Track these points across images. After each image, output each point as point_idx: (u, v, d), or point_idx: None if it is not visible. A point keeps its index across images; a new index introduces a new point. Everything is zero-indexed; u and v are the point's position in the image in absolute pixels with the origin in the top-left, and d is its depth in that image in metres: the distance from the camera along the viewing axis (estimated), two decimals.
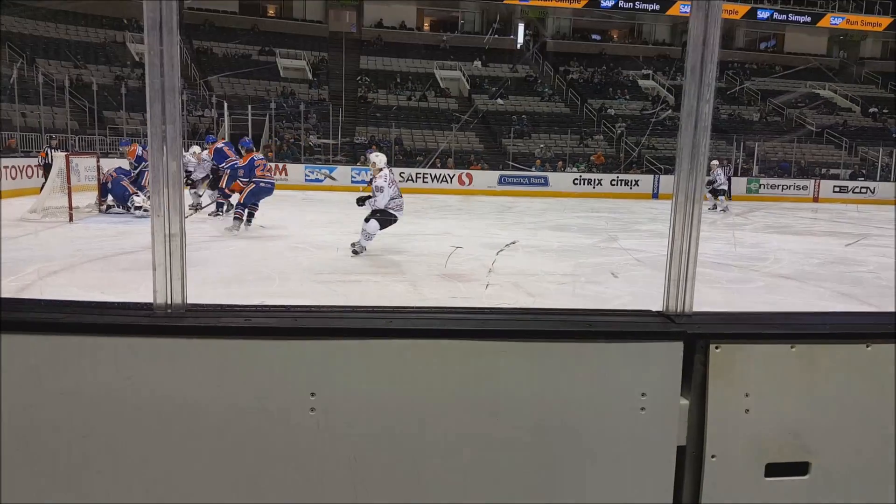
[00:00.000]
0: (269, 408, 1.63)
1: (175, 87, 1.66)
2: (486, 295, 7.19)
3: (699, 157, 1.78)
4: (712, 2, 1.73)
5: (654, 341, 1.73)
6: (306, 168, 26.06)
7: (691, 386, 1.74)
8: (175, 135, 1.67)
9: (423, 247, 10.85)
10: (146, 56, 1.65)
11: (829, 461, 1.78)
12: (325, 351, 1.65)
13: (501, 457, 1.71)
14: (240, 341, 1.64)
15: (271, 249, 10.20)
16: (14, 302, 1.88)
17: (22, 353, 1.57)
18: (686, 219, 1.81)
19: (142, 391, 1.60)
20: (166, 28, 1.62)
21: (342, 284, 7.73)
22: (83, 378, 1.58)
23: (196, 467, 1.63)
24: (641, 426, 1.72)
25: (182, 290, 1.72)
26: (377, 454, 1.67)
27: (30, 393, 1.57)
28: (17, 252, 9.16)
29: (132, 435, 1.61)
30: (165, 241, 1.70)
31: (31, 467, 1.59)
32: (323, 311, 1.83)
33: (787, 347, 1.74)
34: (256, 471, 1.65)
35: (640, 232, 14.69)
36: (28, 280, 7.30)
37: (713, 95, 1.78)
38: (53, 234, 11.12)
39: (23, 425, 1.57)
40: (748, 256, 10.80)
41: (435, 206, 19.36)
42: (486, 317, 1.89)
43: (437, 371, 1.67)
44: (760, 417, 1.74)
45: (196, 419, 1.62)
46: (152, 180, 1.70)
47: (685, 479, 1.76)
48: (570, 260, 10.00)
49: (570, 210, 19.65)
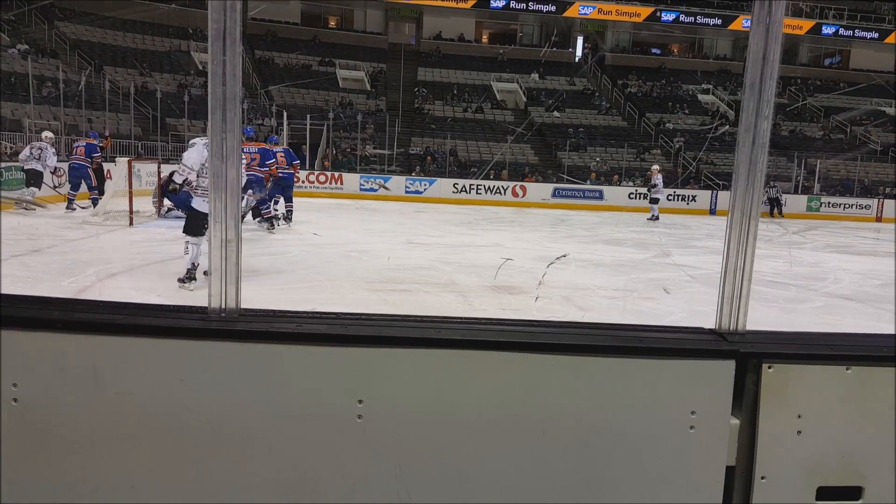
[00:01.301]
0: (317, 413, 1.65)
1: (236, 96, 1.69)
2: (536, 308, 7.16)
3: (756, 173, 1.76)
4: (773, 17, 1.71)
5: (706, 359, 1.70)
6: (361, 178, 26.30)
7: (742, 405, 1.71)
8: (235, 143, 1.71)
9: (475, 258, 10.85)
10: (209, 65, 1.69)
11: (883, 486, 1.73)
12: (374, 358, 1.66)
13: (548, 471, 1.70)
14: (290, 347, 1.66)
15: (325, 257, 10.30)
16: (74, 303, 1.93)
17: (81, 353, 1.61)
18: (742, 235, 1.78)
19: (194, 393, 1.63)
20: (230, 38, 1.66)
21: (393, 293, 7.77)
22: (138, 378, 1.62)
23: (244, 469, 1.66)
24: (690, 445, 1.70)
25: (236, 295, 1.76)
26: (422, 463, 1.68)
27: (87, 392, 1.61)
28: (78, 254, 9.42)
29: (184, 436, 1.64)
30: (222, 247, 1.73)
31: (86, 466, 1.63)
32: (373, 319, 1.85)
33: (842, 369, 1.70)
34: (302, 474, 1.66)
35: (696, 248, 14.48)
36: (88, 282, 7.49)
37: (772, 112, 1.75)
38: (114, 238, 11.40)
39: (79, 423, 1.62)
40: (806, 276, 10.57)
41: (488, 218, 19.36)
42: (534, 329, 1.88)
43: (484, 382, 1.67)
44: (813, 439, 1.71)
45: (246, 422, 1.64)
46: (212, 187, 1.73)
47: (734, 500, 1.73)
48: (623, 275, 9.90)
49: (625, 224, 19.46)
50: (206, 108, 1.70)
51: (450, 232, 15.02)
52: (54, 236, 11.00)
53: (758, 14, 1.72)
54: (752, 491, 1.71)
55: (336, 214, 14.14)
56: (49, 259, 8.91)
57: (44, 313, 1.68)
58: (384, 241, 12.61)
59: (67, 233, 11.54)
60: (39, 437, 1.61)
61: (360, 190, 25.55)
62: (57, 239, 10.71)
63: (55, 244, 10.14)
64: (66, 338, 1.61)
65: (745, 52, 1.87)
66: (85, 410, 1.62)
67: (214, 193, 1.72)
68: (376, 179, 26.06)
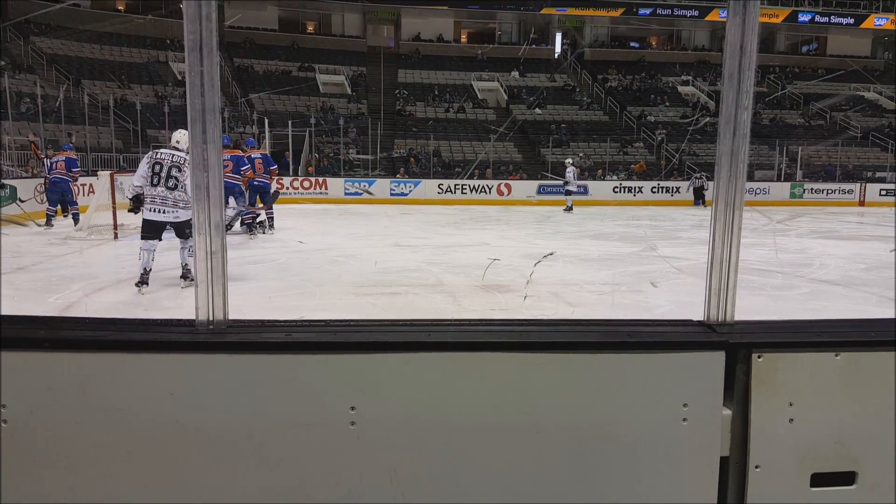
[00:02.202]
0: (309, 421, 1.65)
1: (215, 106, 1.68)
2: (525, 306, 7.16)
3: (739, 164, 1.77)
4: (749, 7, 1.72)
5: (696, 351, 1.71)
6: (346, 182, 26.27)
7: (734, 396, 1.72)
8: (216, 154, 1.70)
9: (463, 258, 10.84)
10: (187, 77, 1.68)
11: (876, 470, 1.75)
12: (366, 365, 1.66)
13: (542, 469, 1.70)
14: (281, 356, 1.65)
15: (312, 263, 10.28)
16: (60, 321, 1.92)
17: (69, 371, 1.60)
18: (726, 226, 1.79)
19: (185, 406, 1.62)
20: (206, 49, 1.65)
21: (381, 297, 7.76)
22: (128, 394, 1.61)
23: (239, 480, 1.65)
24: (684, 437, 1.70)
25: (224, 307, 1.75)
26: (417, 467, 1.68)
27: (77, 410, 1.60)
28: (63, 270, 9.35)
29: (176, 449, 1.63)
30: (207, 259, 1.72)
31: (77, 483, 1.62)
32: (362, 326, 1.84)
33: (831, 356, 1.71)
34: (297, 483, 1.66)
35: (682, 240, 14.53)
36: (74, 297, 7.44)
37: (752, 102, 1.76)
38: (98, 252, 11.33)
39: (69, 441, 1.61)
40: (792, 262, 10.62)
41: (474, 217, 19.38)
42: (524, 328, 1.88)
43: (476, 383, 1.67)
44: (805, 427, 1.71)
45: (238, 433, 1.64)
46: (195, 198, 1.72)
47: (729, 490, 1.74)
48: (610, 269, 9.92)
49: (610, 219, 19.52)
50: (186, 119, 1.69)
51: (436, 233, 15.01)
52: (38, 253, 10.91)
53: (734, 6, 1.73)
54: (747, 480, 1.72)
55: (321, 219, 14.12)
56: (34, 276, 8.84)
57: (30, 332, 1.67)
58: (371, 244, 12.59)
59: (51, 249, 11.46)
60: (30, 457, 1.60)
61: (345, 194, 25.52)
62: (41, 255, 10.62)
63: (40, 261, 10.07)
64: (53, 356, 1.60)
65: (722, 42, 1.88)
66: (75, 428, 1.60)
67: (197, 205, 1.71)
68: (360, 183, 26.03)
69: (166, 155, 7.97)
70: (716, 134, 1.78)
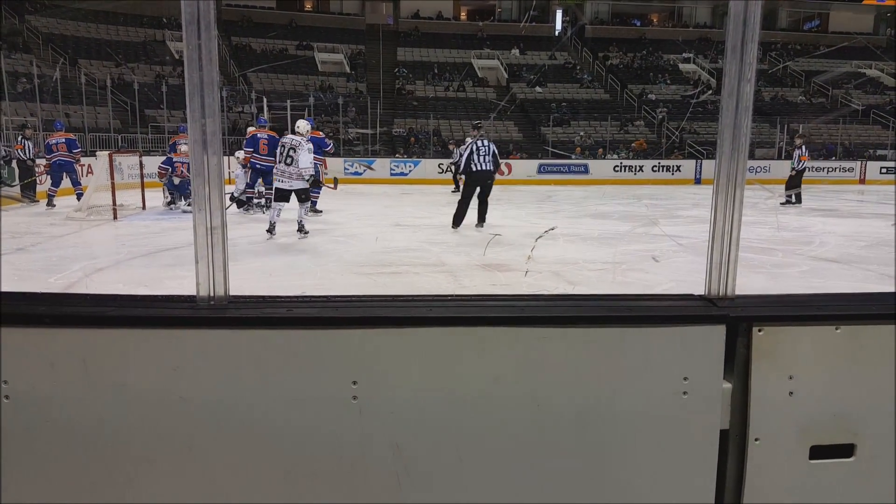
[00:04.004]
0: (311, 396, 1.65)
1: (213, 81, 1.67)
2: (526, 283, 7.17)
3: (741, 137, 1.76)
4: None
5: (696, 325, 1.71)
6: (345, 161, 26.17)
7: (734, 369, 1.72)
8: (215, 129, 1.69)
9: (463, 238, 10.84)
10: (185, 51, 1.66)
11: (874, 443, 1.75)
12: (366, 340, 1.66)
13: (544, 442, 1.71)
14: (282, 331, 1.65)
15: (312, 242, 10.28)
16: (61, 297, 1.92)
17: (70, 347, 1.60)
18: (728, 201, 1.78)
19: (187, 382, 1.63)
20: (203, 23, 1.64)
21: (382, 276, 7.76)
22: (130, 370, 1.61)
23: (240, 456, 1.66)
24: (684, 410, 1.71)
25: (224, 283, 1.75)
26: (420, 441, 1.68)
27: (79, 386, 1.61)
28: (63, 250, 9.35)
29: (178, 425, 1.64)
30: (207, 234, 1.72)
31: (80, 459, 1.63)
32: (363, 301, 1.84)
33: (831, 329, 1.71)
34: (300, 458, 1.67)
35: (683, 217, 14.53)
36: (74, 277, 7.44)
37: (754, 75, 1.74)
38: (98, 232, 11.34)
39: (72, 418, 1.61)
40: (792, 240, 10.62)
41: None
42: (525, 303, 1.88)
43: (477, 358, 1.68)
44: (805, 400, 1.72)
45: (240, 408, 1.64)
46: (193, 174, 1.72)
47: (729, 462, 1.75)
48: (611, 247, 9.92)
49: (611, 197, 19.49)
50: (185, 98, 1.68)
51: (437, 212, 14.97)
52: (38, 233, 10.92)
53: None
54: (747, 453, 1.72)
55: (321, 199, 14.07)
56: (34, 256, 8.85)
57: (31, 309, 1.67)
58: (371, 224, 12.58)
59: (52, 229, 11.46)
60: (33, 434, 1.61)
61: (346, 173, 25.43)
62: (41, 236, 10.63)
63: (40, 241, 10.07)
64: (54, 332, 1.60)
65: (724, 19, 1.86)
66: (77, 404, 1.61)
67: (196, 180, 1.71)
68: (360, 162, 25.95)
69: (287, 140, 10.30)
70: (717, 112, 1.77)
